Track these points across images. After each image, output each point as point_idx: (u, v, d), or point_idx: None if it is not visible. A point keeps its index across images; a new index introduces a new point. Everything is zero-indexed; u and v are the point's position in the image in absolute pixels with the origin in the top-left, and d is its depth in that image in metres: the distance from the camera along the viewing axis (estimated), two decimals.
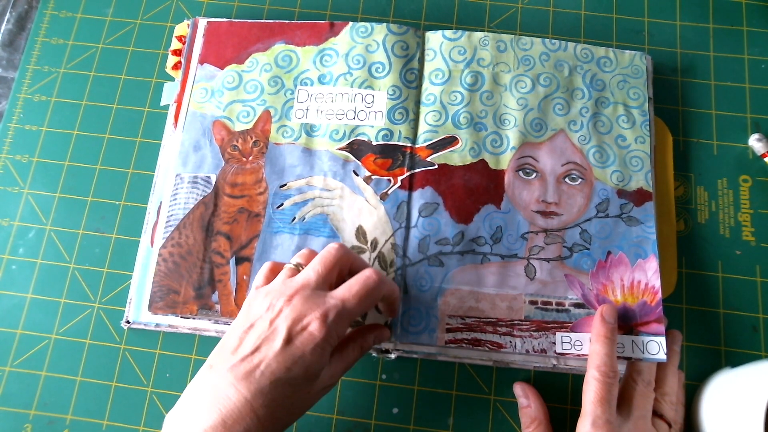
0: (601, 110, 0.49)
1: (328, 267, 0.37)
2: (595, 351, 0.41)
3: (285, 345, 0.34)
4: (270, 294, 0.36)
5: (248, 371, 0.33)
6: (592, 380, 0.39)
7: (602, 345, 0.41)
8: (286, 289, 0.36)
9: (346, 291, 0.37)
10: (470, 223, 0.46)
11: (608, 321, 0.42)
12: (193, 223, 0.47)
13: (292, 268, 0.39)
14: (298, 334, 0.34)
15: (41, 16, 0.55)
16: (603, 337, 0.41)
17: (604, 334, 0.41)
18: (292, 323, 0.34)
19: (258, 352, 0.34)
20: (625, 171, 0.48)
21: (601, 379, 0.39)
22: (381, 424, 0.45)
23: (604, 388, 0.39)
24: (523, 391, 0.44)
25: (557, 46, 0.51)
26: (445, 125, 0.49)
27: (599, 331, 0.42)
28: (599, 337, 0.41)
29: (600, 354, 0.40)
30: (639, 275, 0.46)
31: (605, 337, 0.41)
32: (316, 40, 0.51)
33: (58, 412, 0.45)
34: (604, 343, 0.41)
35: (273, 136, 0.49)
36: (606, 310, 0.43)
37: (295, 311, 0.35)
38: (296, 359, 0.34)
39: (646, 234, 0.47)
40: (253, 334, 0.35)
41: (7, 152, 0.51)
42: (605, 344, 0.41)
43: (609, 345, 0.41)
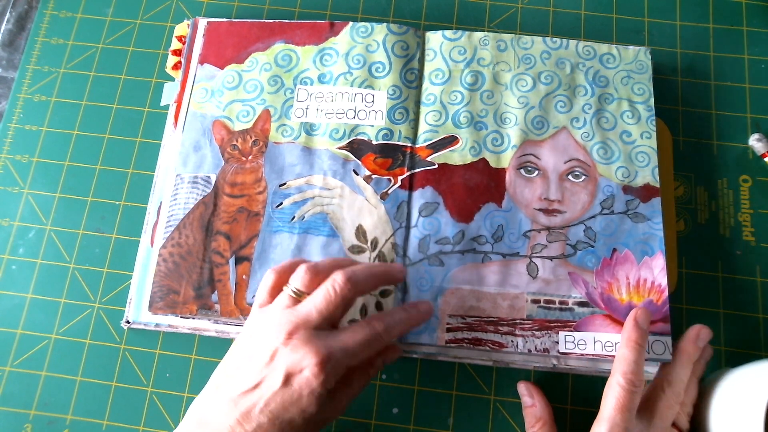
0: (604, 107, 0.49)
1: (331, 308, 0.36)
2: (624, 357, 0.39)
3: (283, 386, 0.34)
4: (271, 326, 0.36)
5: (248, 409, 0.34)
6: (616, 386, 0.38)
7: (632, 351, 0.39)
8: (286, 323, 0.36)
9: (349, 338, 0.36)
10: (471, 222, 0.46)
11: (641, 326, 0.40)
12: (193, 222, 0.47)
13: (293, 297, 0.38)
14: (296, 377, 0.34)
15: (41, 16, 0.55)
16: (634, 343, 0.40)
17: (635, 339, 0.40)
18: (291, 365, 0.34)
19: (258, 389, 0.34)
20: (631, 167, 0.48)
21: (626, 387, 0.38)
22: (381, 424, 0.45)
23: (627, 396, 0.38)
24: (528, 390, 0.44)
25: (558, 45, 0.51)
26: (445, 125, 0.49)
27: (630, 336, 0.40)
28: (629, 342, 0.40)
29: (628, 361, 0.39)
30: (645, 273, 0.45)
31: (636, 343, 0.40)
32: (316, 40, 0.51)
33: (58, 412, 0.45)
34: (634, 350, 0.40)
35: (273, 135, 0.49)
36: (640, 314, 0.41)
37: (293, 353, 0.35)
38: (293, 401, 0.34)
39: (653, 230, 0.46)
40: (254, 368, 0.35)
41: (7, 152, 0.51)
42: (635, 351, 0.39)
43: (639, 352, 0.39)
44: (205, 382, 0.45)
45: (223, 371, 0.37)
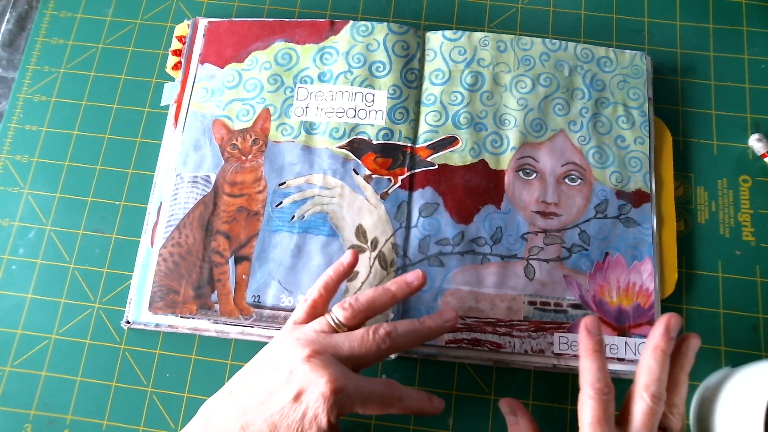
0: (601, 110, 0.49)
1: (363, 350, 0.37)
2: (586, 368, 0.38)
3: (292, 401, 0.34)
4: (299, 343, 0.36)
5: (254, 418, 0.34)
6: (587, 399, 0.37)
7: (592, 360, 0.38)
8: (315, 343, 0.36)
9: (367, 383, 0.36)
10: (470, 224, 0.46)
11: (594, 333, 0.39)
12: (193, 222, 0.47)
13: (332, 325, 0.38)
14: (305, 395, 0.34)
15: (41, 16, 0.55)
16: (591, 351, 0.38)
17: (592, 348, 0.39)
18: (305, 383, 0.34)
19: (269, 401, 0.34)
20: (624, 172, 0.48)
21: (597, 397, 0.37)
22: (381, 424, 0.44)
23: (601, 406, 0.36)
24: (510, 407, 0.42)
25: (557, 46, 0.51)
26: (445, 125, 0.49)
27: (586, 346, 0.39)
28: (587, 352, 0.38)
29: (591, 370, 0.38)
30: (634, 277, 0.46)
31: (593, 350, 0.38)
32: (317, 39, 0.51)
33: (58, 412, 0.45)
34: (594, 358, 0.38)
35: (272, 134, 0.49)
36: (589, 322, 0.39)
37: (312, 372, 0.34)
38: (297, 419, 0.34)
39: (642, 236, 0.47)
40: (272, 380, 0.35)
41: (7, 152, 0.51)
42: (595, 359, 0.38)
43: (599, 359, 0.38)
44: (205, 382, 0.45)
45: (242, 377, 0.37)
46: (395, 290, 0.40)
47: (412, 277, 0.41)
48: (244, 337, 0.45)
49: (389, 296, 0.40)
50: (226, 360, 0.46)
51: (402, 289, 0.40)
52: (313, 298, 0.40)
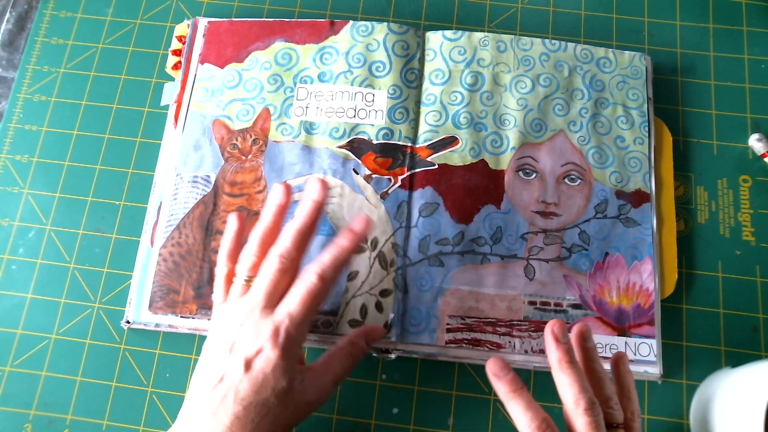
0: (600, 111, 0.49)
1: (273, 285, 0.37)
2: (565, 384, 0.35)
3: (246, 372, 0.35)
4: (226, 320, 0.37)
5: (220, 401, 0.34)
6: (580, 415, 0.34)
7: (570, 374, 0.35)
8: (237, 314, 0.37)
9: (290, 303, 0.36)
10: (470, 223, 0.46)
11: (563, 341, 0.36)
12: (193, 222, 0.47)
13: (244, 285, 0.38)
14: (254, 360, 0.35)
15: (41, 16, 0.55)
16: (566, 364, 0.35)
17: (566, 359, 0.35)
18: (247, 351, 0.35)
19: (224, 381, 0.35)
20: (624, 172, 0.48)
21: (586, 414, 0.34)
22: (381, 424, 0.45)
23: (593, 423, 0.34)
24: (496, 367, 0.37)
25: (557, 47, 0.51)
26: (445, 125, 0.49)
27: (558, 358, 0.35)
28: (561, 365, 0.35)
29: (572, 385, 0.34)
30: (634, 277, 0.46)
31: (568, 362, 0.35)
32: (317, 39, 0.51)
33: (58, 412, 0.45)
34: (572, 371, 0.35)
35: (272, 134, 0.49)
36: (557, 328, 0.36)
37: (246, 339, 0.35)
38: (261, 383, 0.35)
39: (642, 236, 0.47)
40: (217, 363, 0.36)
41: (7, 152, 0.51)
42: (572, 371, 0.35)
43: (577, 372, 0.35)
44: None
45: (197, 370, 0.38)
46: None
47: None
48: None
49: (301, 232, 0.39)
50: None
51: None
52: (224, 275, 0.40)
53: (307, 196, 0.39)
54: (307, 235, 0.39)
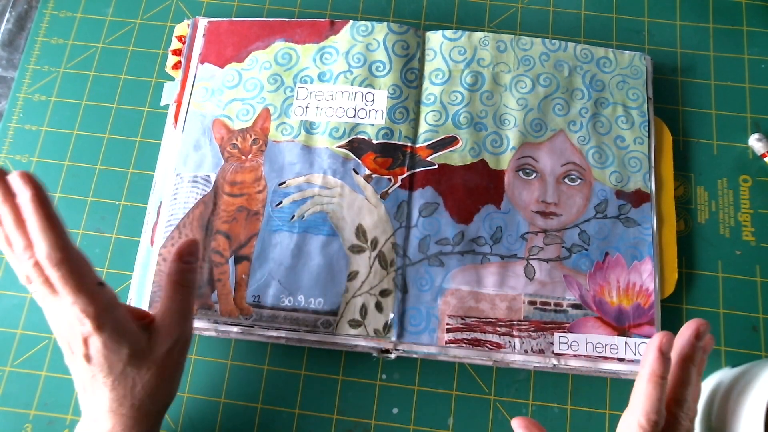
0: (600, 111, 0.49)
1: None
2: (646, 394, 0.34)
3: (88, 364, 0.34)
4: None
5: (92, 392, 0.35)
6: (636, 427, 0.33)
7: (655, 387, 0.33)
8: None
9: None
10: (470, 223, 0.46)
11: (666, 356, 0.34)
12: (193, 222, 0.47)
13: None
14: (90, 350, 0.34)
15: (41, 16, 0.55)
16: (657, 378, 0.34)
17: (659, 374, 0.34)
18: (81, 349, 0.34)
19: (85, 383, 0.35)
20: (624, 172, 0.48)
21: (648, 429, 0.33)
22: (381, 424, 0.45)
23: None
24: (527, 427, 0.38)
25: (557, 47, 0.51)
26: (445, 125, 0.49)
27: (654, 370, 0.34)
28: (652, 377, 0.34)
29: (652, 399, 0.33)
30: (634, 277, 0.46)
31: (660, 377, 0.34)
32: (317, 38, 0.51)
33: (58, 412, 0.45)
34: (658, 385, 0.34)
35: (272, 134, 0.49)
36: (665, 343, 0.34)
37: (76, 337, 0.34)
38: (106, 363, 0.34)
39: (642, 236, 0.47)
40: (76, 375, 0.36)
41: (7, 152, 0.51)
42: (659, 386, 0.34)
43: (663, 387, 0.34)
44: (205, 382, 0.45)
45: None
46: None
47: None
48: (244, 337, 0.45)
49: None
50: (226, 360, 0.46)
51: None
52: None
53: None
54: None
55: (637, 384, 0.35)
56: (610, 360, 0.44)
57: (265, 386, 0.45)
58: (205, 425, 0.44)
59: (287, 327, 0.44)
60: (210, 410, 0.45)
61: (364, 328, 0.44)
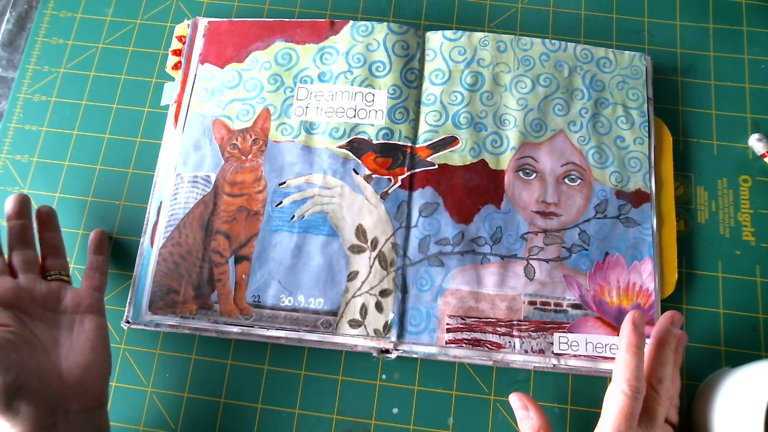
0: (600, 111, 0.49)
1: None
2: (625, 363, 0.38)
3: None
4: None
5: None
6: (619, 394, 0.37)
7: (633, 356, 0.38)
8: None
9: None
10: (470, 223, 0.46)
11: (639, 329, 0.39)
12: (193, 222, 0.47)
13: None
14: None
15: (41, 16, 0.55)
16: (635, 348, 0.38)
17: (635, 344, 0.38)
18: None
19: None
20: (624, 172, 0.48)
21: (630, 395, 0.36)
22: (381, 424, 0.45)
23: (632, 404, 0.36)
24: (521, 401, 0.42)
25: (557, 47, 0.51)
26: (445, 125, 0.49)
27: (630, 341, 0.38)
28: (630, 347, 0.38)
29: (631, 367, 0.37)
30: (634, 277, 0.46)
31: (636, 347, 0.38)
32: (317, 39, 0.51)
33: None
34: (635, 355, 0.38)
35: (272, 134, 0.49)
36: (637, 317, 0.39)
37: None
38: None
39: (642, 236, 0.47)
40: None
41: (7, 152, 0.51)
42: (636, 356, 0.38)
43: (640, 356, 0.38)
44: (205, 382, 0.45)
45: None
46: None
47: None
48: (244, 337, 0.45)
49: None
50: (226, 360, 0.46)
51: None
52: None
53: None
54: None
55: (617, 357, 0.39)
56: (610, 360, 0.44)
57: (265, 386, 0.45)
58: (205, 425, 0.44)
59: (287, 327, 0.44)
60: (210, 410, 0.45)
61: (364, 328, 0.44)
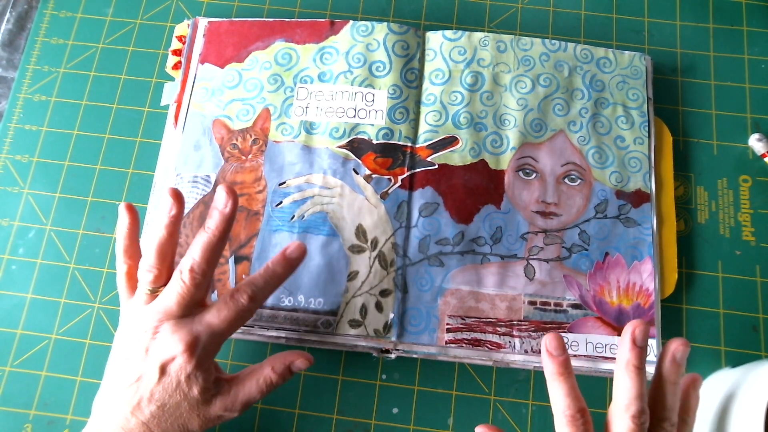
0: (600, 111, 0.49)
1: (187, 297, 0.37)
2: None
3: (160, 377, 0.36)
4: (138, 324, 0.37)
5: (138, 400, 0.36)
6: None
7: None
8: (151, 320, 0.37)
9: (214, 317, 0.37)
10: (470, 223, 0.46)
11: (556, 354, 0.35)
12: (193, 222, 0.47)
13: (148, 294, 0.38)
14: (169, 366, 0.36)
15: (41, 16, 0.55)
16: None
17: (556, 371, 0.34)
18: (163, 357, 0.36)
19: (139, 382, 0.36)
20: (624, 172, 0.48)
21: (571, 424, 0.33)
22: (381, 424, 0.45)
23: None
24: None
25: (557, 47, 0.51)
26: (445, 125, 0.49)
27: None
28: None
29: (560, 395, 0.34)
30: (634, 277, 0.46)
31: (558, 374, 0.34)
32: (317, 39, 0.51)
33: (58, 412, 0.45)
34: (561, 381, 0.34)
35: (272, 134, 0.49)
36: (549, 342, 0.35)
37: (162, 345, 0.36)
38: (174, 387, 0.36)
39: (642, 236, 0.47)
40: (133, 364, 0.36)
41: (7, 152, 0.51)
42: (562, 382, 0.34)
43: (567, 381, 0.34)
44: None
45: (110, 366, 0.38)
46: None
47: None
48: (244, 337, 0.45)
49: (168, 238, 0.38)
50: (226, 360, 0.46)
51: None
52: (124, 272, 0.40)
53: (214, 207, 0.38)
54: (218, 249, 0.38)
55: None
56: (610, 360, 0.44)
57: None
58: None
59: (287, 327, 0.44)
60: None
61: (364, 328, 0.44)
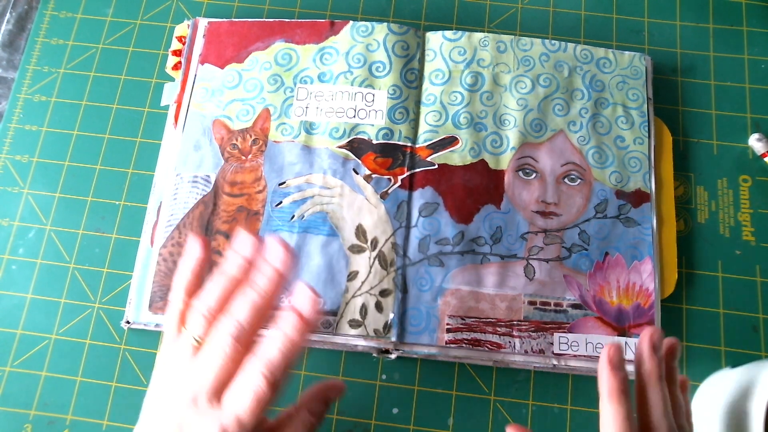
0: (600, 111, 0.49)
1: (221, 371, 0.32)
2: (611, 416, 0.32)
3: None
4: (173, 390, 0.33)
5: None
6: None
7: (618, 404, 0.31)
8: (184, 393, 0.32)
9: (239, 407, 0.32)
10: (470, 223, 0.46)
11: (619, 369, 0.32)
12: (193, 222, 0.47)
13: (194, 345, 0.33)
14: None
15: (41, 17, 0.55)
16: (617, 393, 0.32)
17: (617, 387, 0.32)
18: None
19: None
20: (624, 172, 0.48)
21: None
22: (381, 424, 0.45)
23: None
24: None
25: (557, 47, 0.51)
26: (445, 125, 0.49)
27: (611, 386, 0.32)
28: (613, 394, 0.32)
29: (618, 419, 0.31)
30: (634, 277, 0.46)
31: (620, 392, 0.32)
32: (317, 39, 0.51)
33: (58, 412, 0.45)
34: (620, 402, 0.31)
35: (272, 134, 0.49)
36: (613, 353, 0.33)
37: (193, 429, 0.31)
38: None
39: (642, 236, 0.47)
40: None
41: (7, 152, 0.51)
42: (621, 403, 0.31)
43: (626, 403, 0.32)
44: None
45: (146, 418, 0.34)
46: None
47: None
48: None
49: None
50: None
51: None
52: (179, 309, 0.35)
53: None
54: (266, 316, 0.33)
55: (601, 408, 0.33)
56: None
57: None
58: None
59: None
60: None
61: (364, 328, 0.44)
